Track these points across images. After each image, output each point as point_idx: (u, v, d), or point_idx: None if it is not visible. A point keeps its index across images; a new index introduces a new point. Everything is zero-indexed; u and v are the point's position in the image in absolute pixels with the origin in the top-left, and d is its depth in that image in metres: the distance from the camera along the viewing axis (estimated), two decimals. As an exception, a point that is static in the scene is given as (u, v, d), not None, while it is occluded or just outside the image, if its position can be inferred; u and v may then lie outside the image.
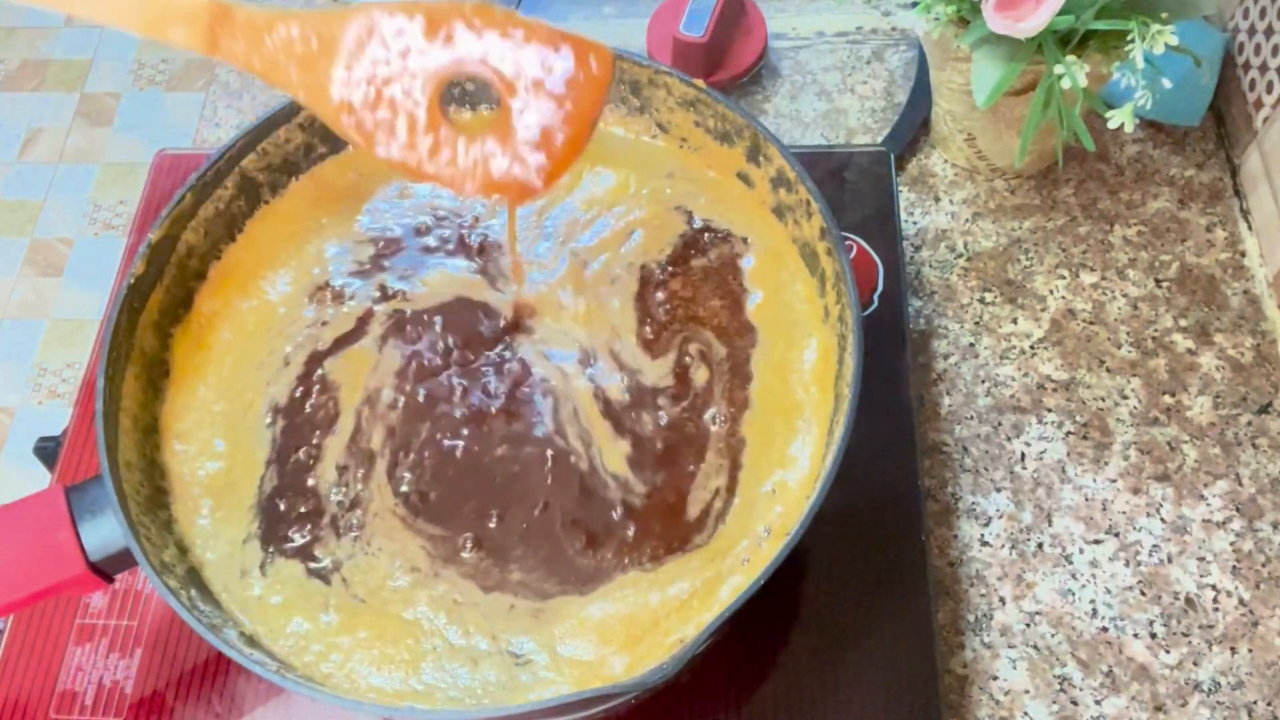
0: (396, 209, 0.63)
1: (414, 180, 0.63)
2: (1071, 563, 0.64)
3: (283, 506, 0.55)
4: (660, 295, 0.59)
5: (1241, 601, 0.62)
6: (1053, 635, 0.62)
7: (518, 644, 0.51)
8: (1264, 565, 0.63)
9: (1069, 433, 0.68)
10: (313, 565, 0.53)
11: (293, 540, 0.54)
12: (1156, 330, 0.71)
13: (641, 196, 0.62)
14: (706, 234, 0.61)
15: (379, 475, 0.55)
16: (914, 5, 0.67)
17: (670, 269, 0.60)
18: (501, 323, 0.59)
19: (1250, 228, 0.74)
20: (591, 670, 0.50)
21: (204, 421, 0.57)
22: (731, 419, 0.56)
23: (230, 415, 0.57)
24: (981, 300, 0.73)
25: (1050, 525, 0.65)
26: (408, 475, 0.55)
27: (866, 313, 0.67)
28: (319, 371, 0.58)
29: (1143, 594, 0.63)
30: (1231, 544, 0.64)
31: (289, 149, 0.63)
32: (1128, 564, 0.64)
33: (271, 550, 0.54)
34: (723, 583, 0.52)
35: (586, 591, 0.52)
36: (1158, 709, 0.60)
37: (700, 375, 0.57)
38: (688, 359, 0.57)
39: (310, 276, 0.61)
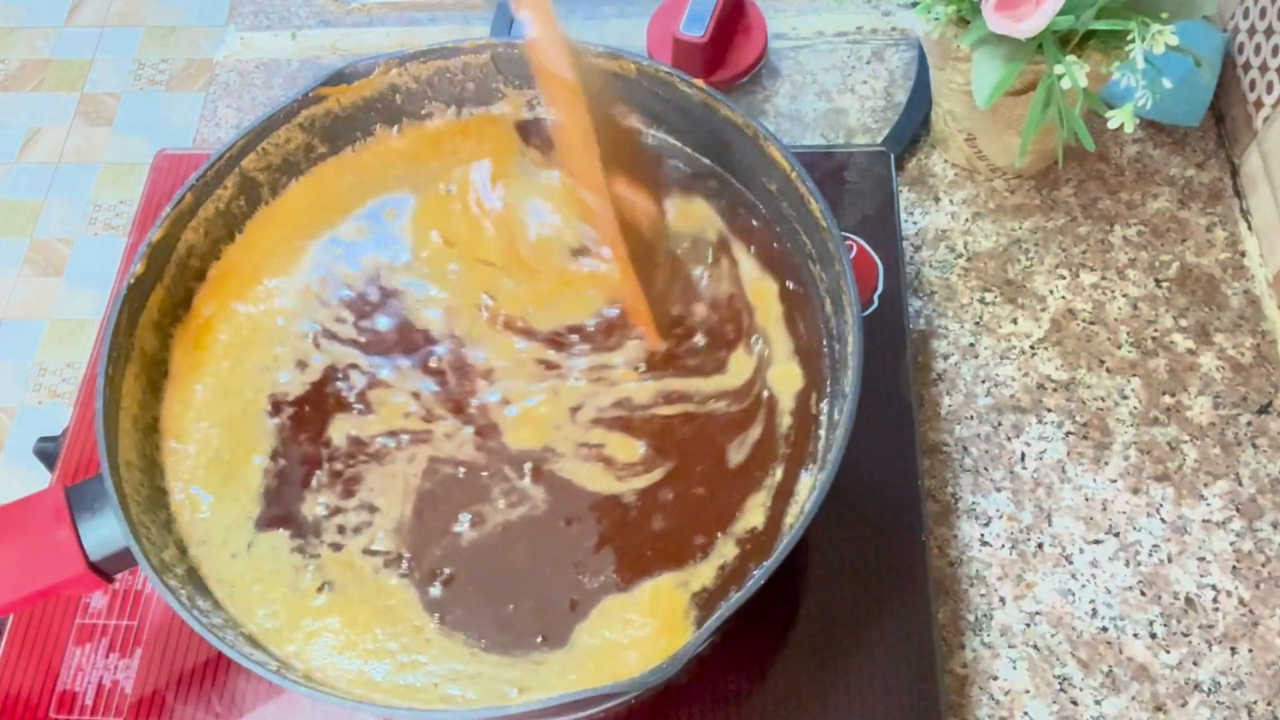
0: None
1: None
2: (1071, 563, 0.64)
3: (286, 497, 0.55)
4: None
5: (1241, 601, 0.62)
6: (1053, 635, 0.62)
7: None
8: (1264, 565, 0.63)
9: (1069, 433, 0.68)
10: (310, 560, 0.54)
11: (294, 532, 0.54)
12: (1156, 330, 0.71)
13: None
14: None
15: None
16: (914, 5, 0.67)
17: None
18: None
19: (1250, 228, 0.74)
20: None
21: (202, 420, 0.57)
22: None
23: (230, 413, 0.57)
24: (981, 300, 0.73)
25: (1050, 525, 0.65)
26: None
27: (866, 313, 0.67)
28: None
29: (1143, 594, 0.63)
30: (1231, 544, 0.64)
31: (289, 149, 0.63)
32: (1128, 564, 0.64)
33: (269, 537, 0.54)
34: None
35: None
36: (1158, 709, 0.60)
37: None
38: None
39: (308, 280, 0.61)
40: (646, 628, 0.51)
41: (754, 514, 0.54)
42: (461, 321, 0.60)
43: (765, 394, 0.57)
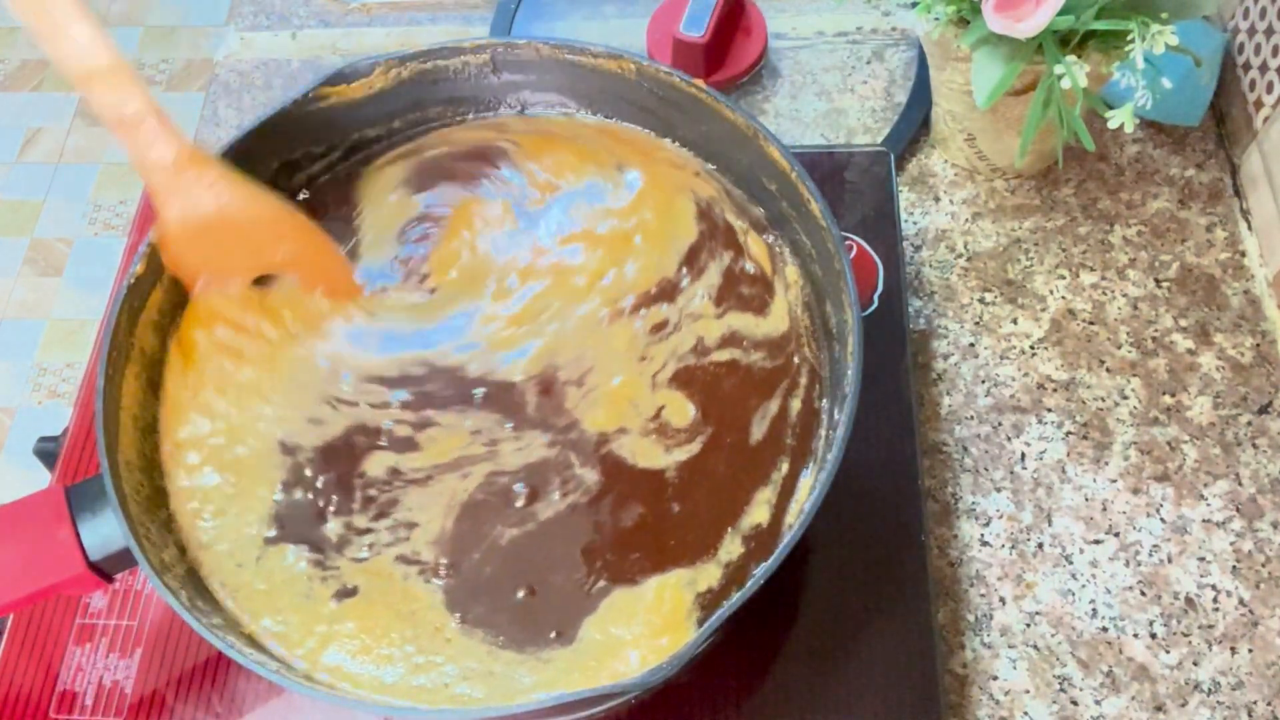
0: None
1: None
2: (1071, 563, 0.64)
3: (303, 522, 0.54)
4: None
5: (1241, 601, 0.62)
6: (1053, 635, 0.62)
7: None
8: (1264, 565, 0.63)
9: (1069, 433, 0.68)
10: (320, 559, 0.53)
11: (312, 548, 0.54)
12: (1156, 330, 0.71)
13: None
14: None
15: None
16: (914, 5, 0.67)
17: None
18: None
19: (1250, 228, 0.74)
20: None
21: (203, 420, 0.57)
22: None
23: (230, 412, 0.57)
24: (981, 300, 0.73)
25: (1050, 525, 0.65)
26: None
27: (866, 313, 0.67)
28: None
29: (1143, 594, 0.63)
30: (1231, 544, 0.64)
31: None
32: (1128, 564, 0.64)
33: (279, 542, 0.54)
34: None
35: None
36: (1158, 709, 0.60)
37: None
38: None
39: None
40: (650, 625, 0.51)
41: (760, 510, 0.54)
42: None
43: (796, 359, 0.57)
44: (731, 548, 0.53)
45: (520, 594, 0.52)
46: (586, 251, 0.61)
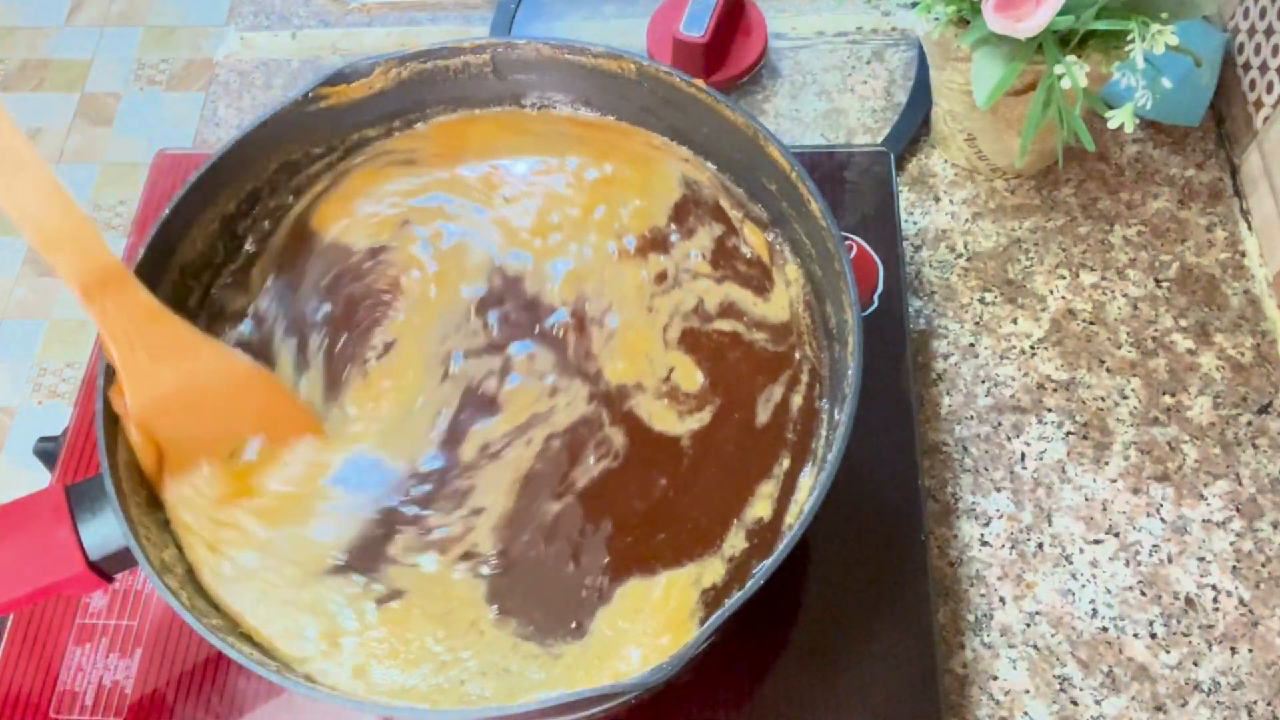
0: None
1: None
2: (1071, 563, 0.64)
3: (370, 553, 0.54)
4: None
5: (1241, 601, 0.62)
6: (1053, 635, 0.62)
7: None
8: (1264, 565, 0.63)
9: (1069, 433, 0.68)
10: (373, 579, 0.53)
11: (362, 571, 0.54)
12: (1156, 330, 0.71)
13: None
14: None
15: None
16: (914, 5, 0.67)
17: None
18: None
19: (1250, 228, 0.74)
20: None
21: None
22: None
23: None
24: (981, 300, 0.73)
25: (1050, 525, 0.65)
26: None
27: (866, 313, 0.67)
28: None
29: (1143, 594, 0.63)
30: (1231, 544, 0.64)
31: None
32: (1128, 564, 0.64)
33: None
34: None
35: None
36: (1158, 709, 0.60)
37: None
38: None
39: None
40: (654, 623, 0.52)
41: (762, 504, 0.54)
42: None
43: (797, 355, 0.58)
44: (735, 542, 0.53)
45: (557, 579, 0.53)
46: (570, 188, 0.62)
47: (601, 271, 0.60)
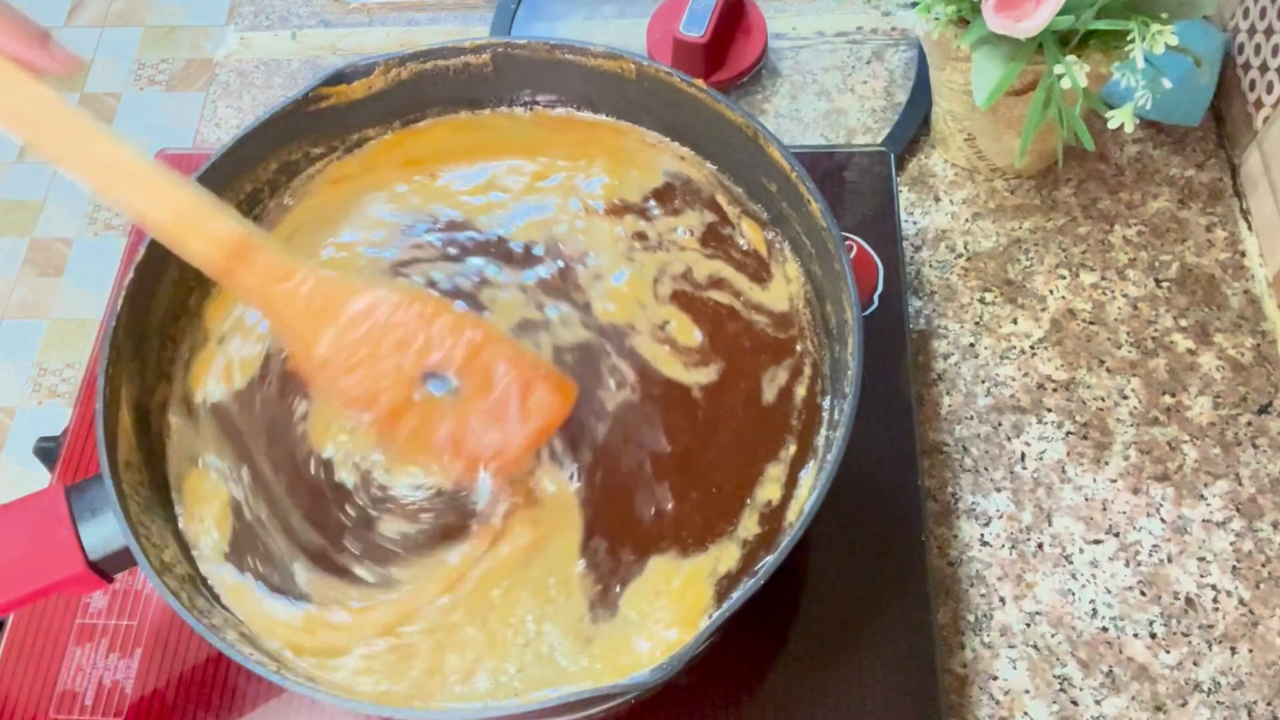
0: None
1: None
2: (1071, 563, 0.64)
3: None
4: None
5: (1241, 601, 0.62)
6: (1053, 635, 0.62)
7: None
8: (1264, 565, 0.63)
9: (1069, 433, 0.68)
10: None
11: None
12: (1156, 330, 0.71)
13: None
14: None
15: None
16: (914, 5, 0.67)
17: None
18: None
19: (1250, 228, 0.74)
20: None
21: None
22: None
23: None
24: (981, 300, 0.73)
25: (1050, 525, 0.65)
26: None
27: (866, 313, 0.67)
28: None
29: (1143, 594, 0.63)
30: (1231, 544, 0.64)
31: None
32: (1128, 564, 0.64)
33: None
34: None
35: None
36: (1158, 709, 0.60)
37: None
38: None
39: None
40: (668, 614, 0.52)
41: (772, 487, 0.54)
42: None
43: (799, 347, 0.58)
44: (748, 525, 0.54)
45: (640, 508, 0.54)
46: (515, 173, 0.64)
47: (571, 222, 0.61)
